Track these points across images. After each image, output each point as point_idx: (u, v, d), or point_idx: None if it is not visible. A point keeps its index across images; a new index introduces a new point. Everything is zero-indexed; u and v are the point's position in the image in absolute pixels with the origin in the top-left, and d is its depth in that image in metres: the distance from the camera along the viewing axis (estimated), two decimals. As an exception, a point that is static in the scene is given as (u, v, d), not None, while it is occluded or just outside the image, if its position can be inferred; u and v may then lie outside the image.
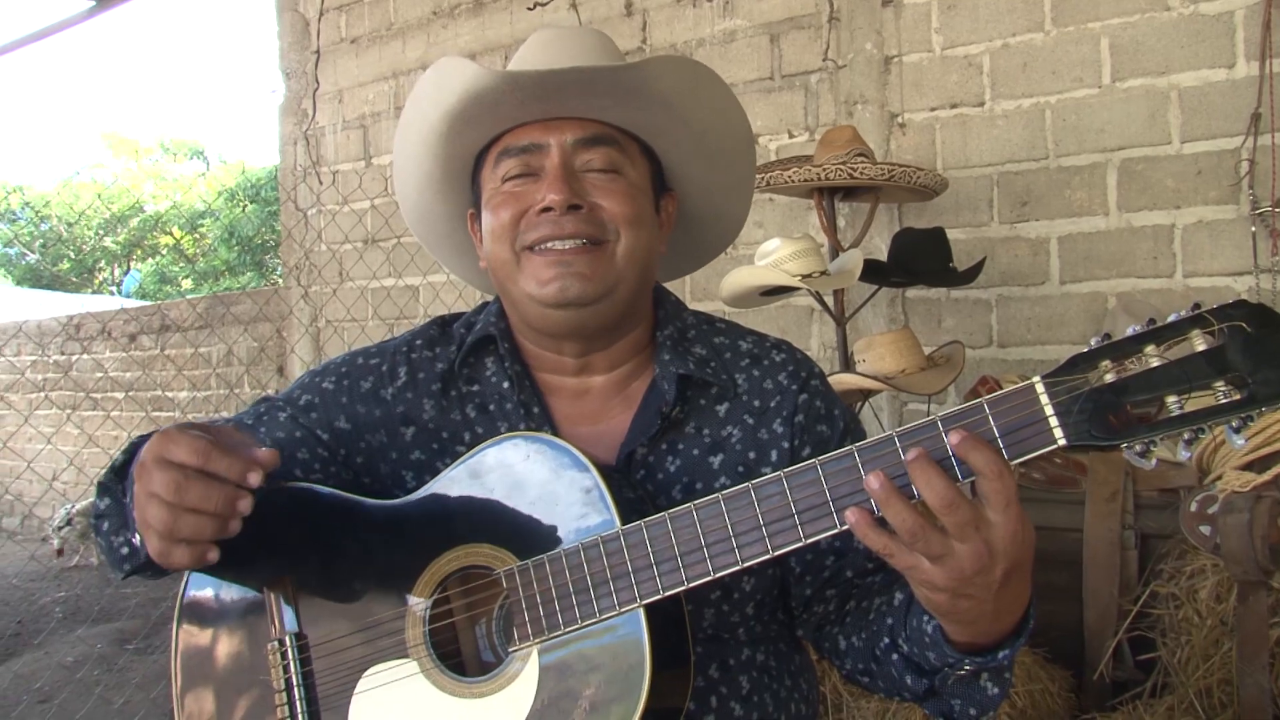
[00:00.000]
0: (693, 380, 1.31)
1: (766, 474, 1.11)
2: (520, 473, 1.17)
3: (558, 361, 1.34)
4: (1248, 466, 2.26)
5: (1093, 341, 0.97)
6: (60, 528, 7.47)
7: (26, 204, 22.91)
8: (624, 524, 1.09)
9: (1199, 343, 0.91)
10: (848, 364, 3.25)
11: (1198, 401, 0.92)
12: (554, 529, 1.13)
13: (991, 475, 0.96)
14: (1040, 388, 0.97)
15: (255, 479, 1.04)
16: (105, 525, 1.22)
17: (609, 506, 1.10)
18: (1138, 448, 0.95)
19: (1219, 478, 2.31)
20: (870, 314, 3.87)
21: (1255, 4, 3.25)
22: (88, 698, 4.10)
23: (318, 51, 6.06)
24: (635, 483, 1.25)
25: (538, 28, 5.25)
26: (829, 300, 3.42)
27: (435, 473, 1.25)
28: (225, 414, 7.39)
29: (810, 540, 1.03)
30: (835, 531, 1.02)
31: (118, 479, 1.21)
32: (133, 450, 1.18)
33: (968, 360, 3.27)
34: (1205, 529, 2.24)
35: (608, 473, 1.14)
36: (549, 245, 1.24)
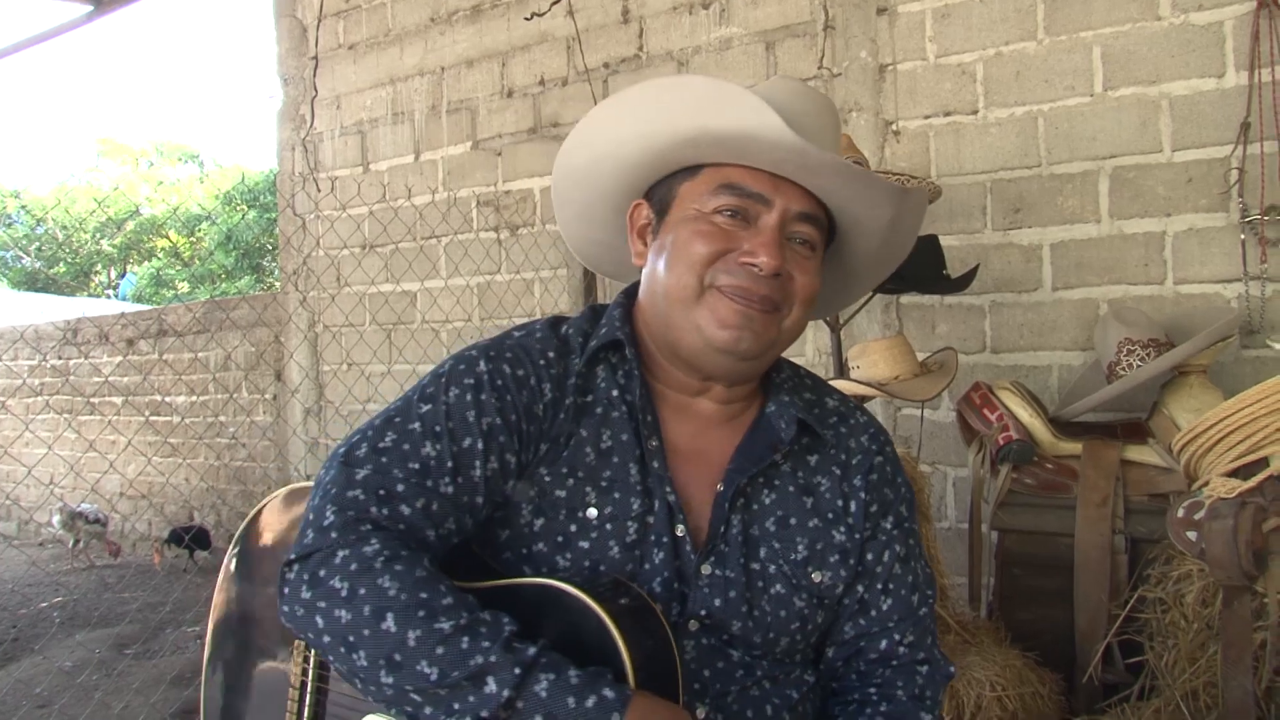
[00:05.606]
0: (801, 426, 1.36)
1: (851, 523, 1.34)
2: (566, 626, 1.16)
3: (681, 381, 1.37)
4: (1234, 473, 2.29)
5: None
6: (62, 524, 7.44)
7: (23, 208, 22.89)
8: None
9: None
10: (842, 370, 3.28)
11: None
12: None
13: None
14: None
15: None
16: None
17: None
18: None
19: (1206, 484, 2.34)
20: (865, 320, 3.90)
21: (1244, 14, 3.28)
22: (87, 703, 4.11)
23: (316, 58, 6.08)
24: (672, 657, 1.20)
25: (533, 35, 5.21)
26: (823, 307, 3.44)
27: (542, 485, 1.27)
28: (224, 419, 7.42)
29: None
30: None
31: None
32: (520, 682, 1.08)
33: (961, 366, 3.30)
34: (1191, 534, 2.26)
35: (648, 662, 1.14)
36: (738, 298, 1.27)
